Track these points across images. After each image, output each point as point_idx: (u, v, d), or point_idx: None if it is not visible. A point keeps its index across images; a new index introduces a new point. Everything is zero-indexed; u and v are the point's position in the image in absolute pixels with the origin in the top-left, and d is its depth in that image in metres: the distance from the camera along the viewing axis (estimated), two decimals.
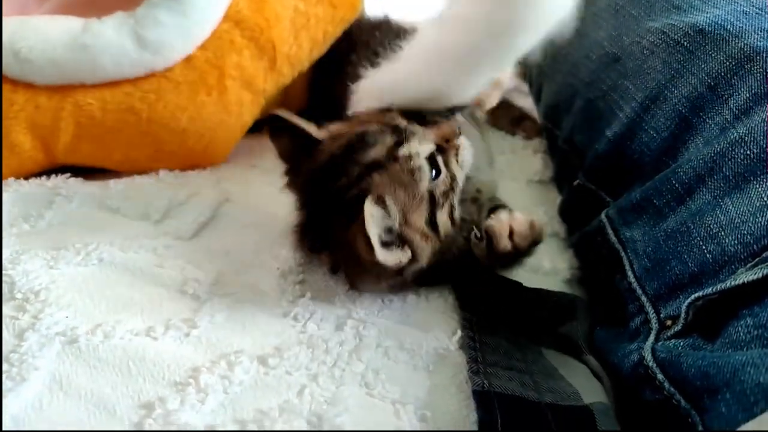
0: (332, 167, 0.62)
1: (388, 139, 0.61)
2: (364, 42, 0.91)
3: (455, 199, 0.64)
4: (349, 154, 0.61)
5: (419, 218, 0.60)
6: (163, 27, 0.78)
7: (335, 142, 0.63)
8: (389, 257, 0.57)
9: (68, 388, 0.52)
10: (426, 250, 0.61)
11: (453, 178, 0.64)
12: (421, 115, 0.67)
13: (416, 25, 0.93)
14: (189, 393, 0.52)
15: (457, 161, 0.65)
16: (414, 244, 0.60)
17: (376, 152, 0.60)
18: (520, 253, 0.66)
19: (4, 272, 0.65)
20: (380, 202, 0.57)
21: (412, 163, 0.60)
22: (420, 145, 0.62)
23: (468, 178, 0.68)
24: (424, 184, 0.61)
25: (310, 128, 0.66)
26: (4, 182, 0.83)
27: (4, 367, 0.53)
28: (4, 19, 0.80)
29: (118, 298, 0.63)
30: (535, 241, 0.66)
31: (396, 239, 0.59)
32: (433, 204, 0.61)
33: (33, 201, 0.80)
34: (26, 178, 0.85)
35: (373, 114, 0.66)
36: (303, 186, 0.65)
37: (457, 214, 0.64)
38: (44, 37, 0.78)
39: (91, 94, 0.81)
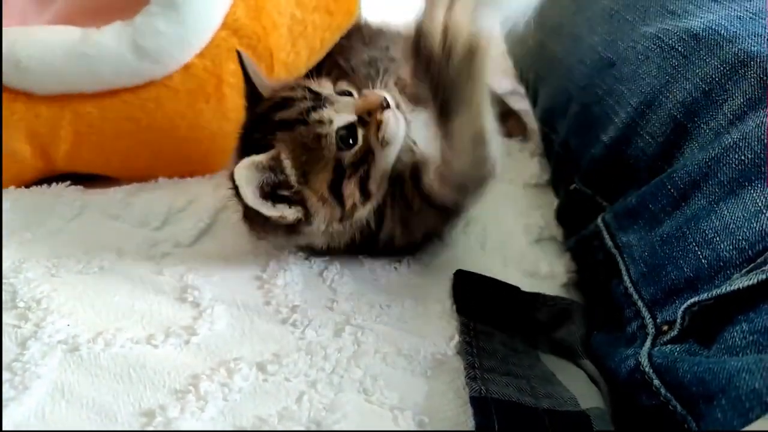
0: (255, 123, 0.68)
1: (303, 104, 0.65)
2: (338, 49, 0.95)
3: (373, 171, 0.65)
4: (269, 113, 0.67)
5: (320, 182, 0.63)
6: (161, 36, 0.79)
7: (267, 101, 0.68)
8: (268, 210, 0.62)
9: (70, 396, 0.53)
10: (321, 212, 0.64)
11: (368, 152, 0.64)
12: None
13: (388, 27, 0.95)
14: (189, 400, 0.52)
15: (377, 137, 0.64)
16: (308, 204, 0.64)
17: (289, 113, 0.64)
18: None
19: (6, 281, 0.66)
20: (274, 159, 0.62)
21: (319, 129, 0.63)
22: (336, 114, 0.64)
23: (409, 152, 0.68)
24: (330, 151, 0.63)
25: (261, 81, 0.71)
26: (5, 190, 0.84)
27: (7, 375, 0.54)
28: (5, 29, 0.80)
29: (119, 306, 0.63)
30: (471, 50, 0.56)
31: (292, 196, 0.63)
32: (338, 172, 0.63)
33: (34, 209, 0.81)
34: (27, 186, 0.86)
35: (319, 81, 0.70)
36: (238, 137, 0.70)
37: (373, 185, 0.65)
38: (44, 47, 0.78)
39: (90, 102, 0.81)
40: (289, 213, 0.63)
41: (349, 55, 0.92)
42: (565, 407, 0.52)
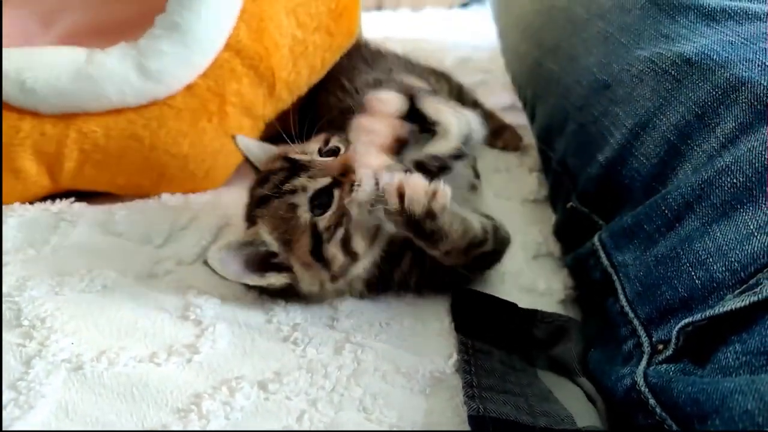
0: (247, 199, 0.71)
1: (280, 176, 0.66)
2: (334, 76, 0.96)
3: (353, 231, 0.64)
4: (252, 190, 0.70)
5: (301, 249, 0.64)
6: (165, 57, 0.80)
7: (256, 177, 0.72)
8: (254, 281, 0.64)
9: (74, 415, 0.54)
10: (307, 277, 0.65)
11: (344, 213, 0.64)
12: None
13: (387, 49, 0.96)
14: (191, 419, 0.53)
15: (351, 195, 0.63)
16: (294, 270, 0.65)
17: (265, 189, 0.67)
18: (418, 219, 0.61)
19: (11, 299, 0.66)
20: (252, 236, 0.65)
21: (292, 198, 0.64)
22: (309, 181, 0.65)
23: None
24: (304, 219, 0.64)
25: (251, 156, 0.75)
26: (9, 207, 0.85)
27: (12, 395, 0.55)
28: (11, 50, 0.82)
29: (122, 324, 0.64)
30: (430, 212, 0.60)
31: (280, 263, 0.65)
32: (316, 237, 0.64)
33: (38, 226, 0.82)
34: (31, 203, 0.87)
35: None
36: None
37: (359, 245, 0.65)
38: (49, 68, 0.80)
39: (95, 121, 0.82)
40: (276, 280, 0.65)
41: (352, 75, 0.93)
42: (562, 426, 0.52)
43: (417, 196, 0.59)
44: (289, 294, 0.67)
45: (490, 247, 0.67)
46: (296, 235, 0.64)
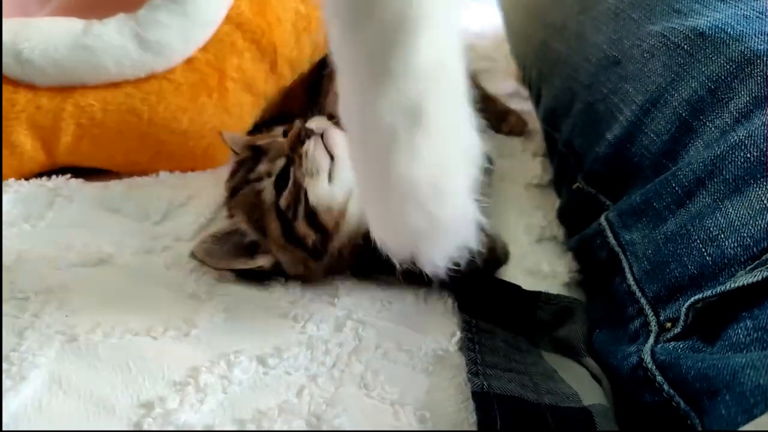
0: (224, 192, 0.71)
1: (246, 166, 0.67)
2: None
3: (316, 206, 0.63)
4: (227, 182, 0.71)
5: (274, 231, 0.64)
6: (164, 28, 0.79)
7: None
8: (244, 264, 0.64)
9: (67, 387, 0.53)
10: (287, 258, 0.65)
11: (299, 187, 0.63)
12: None
13: None
14: (188, 393, 0.52)
15: (303, 170, 0.63)
16: (274, 254, 0.65)
17: (234, 181, 0.68)
18: None
19: (5, 272, 0.65)
20: (231, 226, 0.66)
21: (258, 185, 0.65)
22: (269, 165, 0.65)
23: None
24: (268, 202, 0.64)
25: (236, 147, 0.75)
26: (5, 183, 0.84)
27: (4, 366, 0.54)
28: (6, 20, 0.80)
29: (118, 298, 0.63)
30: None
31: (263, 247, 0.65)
32: (283, 218, 0.63)
33: (34, 201, 0.81)
34: (27, 178, 0.86)
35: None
36: None
37: (326, 218, 0.63)
38: (46, 38, 0.78)
39: (92, 95, 0.81)
40: (265, 261, 0.64)
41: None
42: (567, 403, 0.51)
43: None
44: (280, 273, 0.66)
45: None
46: (267, 221, 0.64)
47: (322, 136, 0.64)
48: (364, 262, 0.67)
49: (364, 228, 0.62)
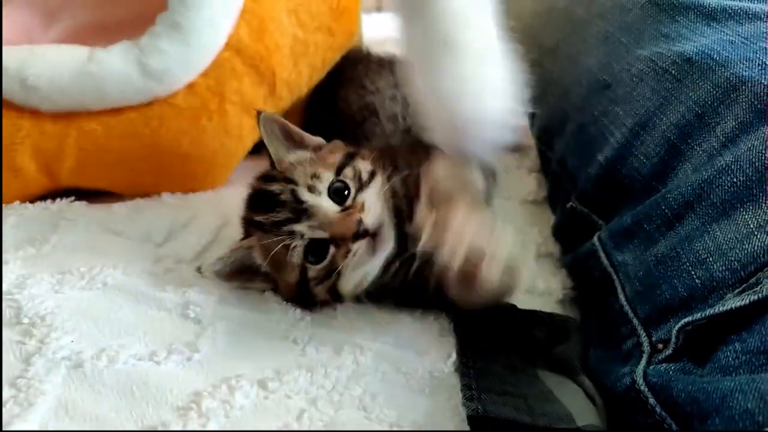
0: (250, 199, 0.70)
1: (281, 215, 0.63)
2: (349, 77, 0.95)
3: (341, 285, 0.64)
4: (249, 204, 0.69)
5: (287, 278, 0.66)
6: (166, 55, 0.80)
7: (258, 182, 0.70)
8: (242, 284, 0.68)
9: (74, 412, 0.54)
10: (288, 295, 0.68)
11: (334, 270, 0.63)
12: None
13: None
14: (191, 417, 0.53)
15: (345, 260, 0.62)
16: (281, 291, 0.69)
17: (264, 218, 0.65)
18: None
19: (10, 297, 0.66)
20: (245, 250, 0.67)
21: (289, 240, 0.62)
22: (308, 229, 0.62)
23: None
24: (296, 259, 0.63)
25: (274, 146, 0.71)
26: (9, 206, 0.85)
27: (12, 392, 0.55)
28: (12, 47, 0.82)
29: (122, 322, 0.64)
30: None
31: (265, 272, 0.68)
32: (304, 277, 0.64)
33: (38, 224, 0.82)
34: (31, 201, 0.87)
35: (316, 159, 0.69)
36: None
37: (345, 290, 0.65)
38: (51, 66, 0.80)
39: (95, 120, 0.83)
40: (263, 287, 0.69)
41: (349, 93, 0.93)
42: (561, 425, 0.52)
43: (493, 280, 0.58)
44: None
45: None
46: (285, 268, 0.64)
47: (374, 236, 0.63)
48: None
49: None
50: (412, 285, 0.67)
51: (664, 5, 0.69)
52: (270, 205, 0.65)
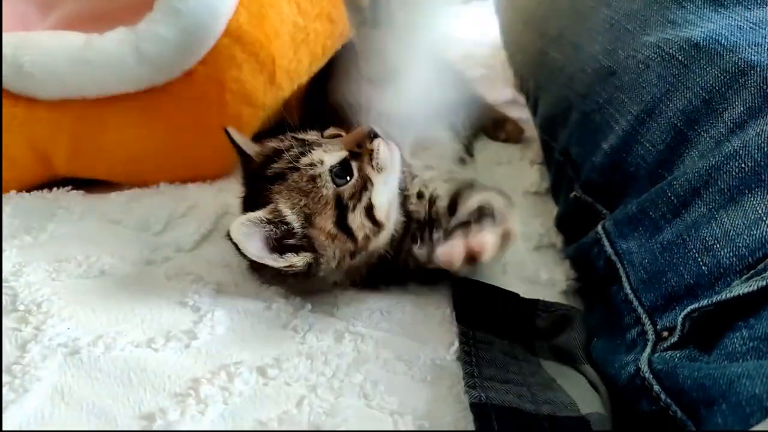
0: (251, 182, 0.69)
1: (293, 152, 0.66)
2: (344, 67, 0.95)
3: (376, 200, 0.65)
4: (261, 169, 0.67)
5: (325, 220, 0.63)
6: (163, 42, 0.79)
7: (258, 158, 0.70)
8: (275, 262, 0.61)
9: (70, 399, 0.53)
10: (331, 249, 0.64)
11: (366, 180, 0.65)
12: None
13: None
14: (189, 404, 0.52)
15: (371, 165, 0.66)
16: (317, 244, 0.63)
17: (280, 165, 0.66)
18: None
19: (7, 284, 0.65)
20: (272, 212, 0.62)
21: (312, 171, 0.64)
22: (326, 154, 0.65)
23: (409, 176, 0.72)
24: (328, 189, 0.64)
25: (245, 146, 0.72)
26: (5, 195, 0.84)
27: (7, 378, 0.54)
28: (8, 34, 0.81)
29: (119, 310, 0.63)
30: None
31: (300, 241, 0.63)
32: (341, 207, 0.64)
33: (35, 213, 0.81)
34: (28, 190, 0.86)
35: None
36: (240, 200, 0.71)
37: (381, 214, 0.65)
38: (47, 52, 0.79)
39: (92, 108, 0.82)
40: (298, 260, 0.62)
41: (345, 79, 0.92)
42: (565, 413, 0.52)
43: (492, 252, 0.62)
44: (301, 276, 0.64)
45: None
46: (319, 208, 0.63)
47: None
48: (375, 273, 0.69)
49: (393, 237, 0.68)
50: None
51: None
52: (282, 155, 0.66)
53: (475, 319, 0.64)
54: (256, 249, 0.61)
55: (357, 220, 0.64)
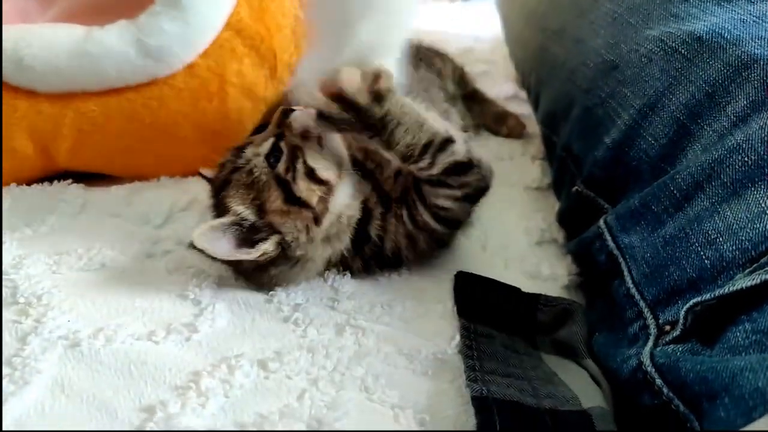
0: (213, 199, 0.70)
1: (231, 159, 0.69)
2: None
3: (312, 161, 0.66)
4: (214, 185, 0.71)
5: (274, 202, 0.65)
6: (165, 35, 0.79)
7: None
8: (248, 255, 0.63)
9: (70, 391, 0.53)
10: (292, 224, 0.65)
11: (294, 149, 0.67)
12: None
13: None
14: (190, 397, 0.52)
15: (293, 132, 0.68)
16: (277, 225, 0.64)
17: (224, 173, 0.69)
18: (365, 107, 0.63)
19: (7, 277, 0.65)
20: (228, 215, 0.65)
21: (249, 165, 0.67)
22: (256, 147, 0.68)
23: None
24: (267, 175, 0.66)
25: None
26: (6, 188, 0.84)
27: (7, 370, 0.54)
28: (9, 27, 0.81)
29: (120, 302, 0.63)
30: (377, 94, 0.62)
31: (264, 231, 0.64)
32: (283, 184, 0.65)
33: (35, 206, 0.81)
34: (28, 183, 0.86)
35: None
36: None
37: (325, 173, 0.66)
38: (48, 45, 0.79)
39: (93, 100, 0.82)
40: (267, 245, 0.63)
41: None
42: (567, 407, 0.51)
43: (355, 83, 0.61)
44: (282, 260, 0.65)
45: (462, 156, 0.67)
46: (265, 195, 0.65)
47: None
48: (369, 261, 0.69)
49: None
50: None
51: None
52: (225, 166, 0.69)
53: (477, 312, 0.63)
54: (224, 250, 0.63)
55: (302, 186, 0.65)
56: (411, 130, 0.64)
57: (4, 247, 0.71)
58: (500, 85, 1.26)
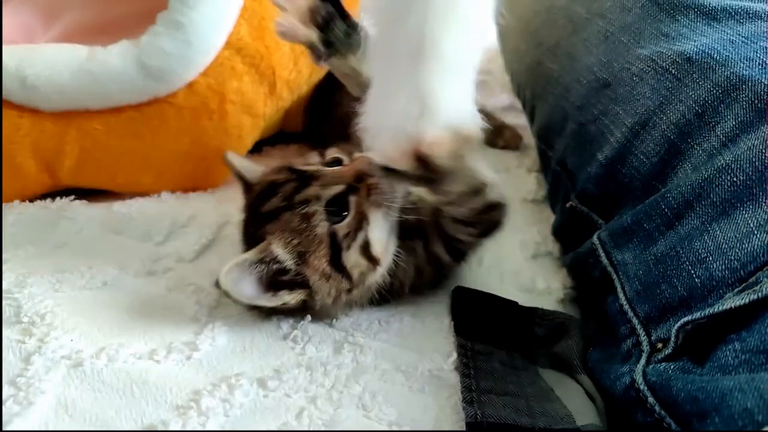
0: (248, 215, 0.67)
1: (287, 188, 0.64)
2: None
3: (373, 236, 0.63)
4: (255, 205, 0.66)
5: (319, 260, 0.62)
6: (166, 55, 0.80)
7: (255, 189, 0.68)
8: (267, 301, 0.61)
9: (73, 411, 0.54)
10: (325, 288, 0.62)
11: (362, 218, 0.62)
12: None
13: None
14: (191, 416, 0.53)
15: (369, 201, 0.63)
16: (311, 282, 0.62)
17: (273, 203, 0.64)
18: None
19: (10, 296, 0.66)
20: (262, 252, 0.61)
21: (306, 209, 0.62)
22: (322, 189, 0.63)
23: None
24: (322, 227, 0.62)
25: (245, 170, 0.72)
26: (8, 205, 0.85)
27: (11, 391, 0.55)
28: (12, 46, 0.82)
29: (122, 321, 0.64)
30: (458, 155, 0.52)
31: (294, 278, 0.62)
32: (335, 246, 0.62)
33: (38, 223, 0.82)
34: (31, 200, 0.87)
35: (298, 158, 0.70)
36: (240, 228, 0.69)
37: (378, 249, 0.63)
38: (51, 65, 0.80)
39: (96, 119, 0.83)
40: (291, 298, 0.61)
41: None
42: (561, 425, 0.52)
43: (445, 150, 0.50)
44: (298, 311, 0.64)
45: (496, 198, 0.63)
46: (312, 246, 0.61)
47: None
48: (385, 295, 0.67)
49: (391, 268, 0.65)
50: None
51: (664, 4, 0.69)
52: (277, 191, 0.64)
53: (474, 328, 0.64)
54: (248, 293, 0.60)
55: (352, 258, 0.62)
56: (464, 181, 0.59)
57: (8, 265, 0.72)
58: (497, 96, 1.26)
